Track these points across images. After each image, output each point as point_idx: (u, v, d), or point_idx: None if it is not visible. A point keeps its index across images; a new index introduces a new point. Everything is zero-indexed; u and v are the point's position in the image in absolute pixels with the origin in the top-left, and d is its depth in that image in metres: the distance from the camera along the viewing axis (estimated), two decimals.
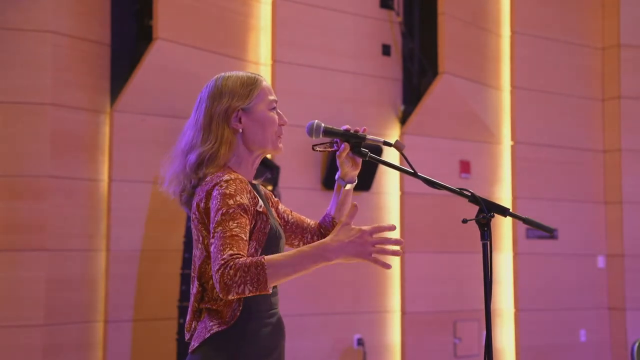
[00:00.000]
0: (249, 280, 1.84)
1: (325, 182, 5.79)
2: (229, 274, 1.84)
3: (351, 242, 1.89)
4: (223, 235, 1.91)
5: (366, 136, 2.21)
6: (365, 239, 1.89)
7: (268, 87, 2.21)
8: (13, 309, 4.70)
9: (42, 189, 4.80)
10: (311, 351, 5.70)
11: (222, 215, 1.94)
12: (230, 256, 1.87)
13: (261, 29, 5.80)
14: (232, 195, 1.97)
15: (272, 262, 1.86)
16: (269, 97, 2.18)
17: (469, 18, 6.51)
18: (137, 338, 5.09)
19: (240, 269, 1.84)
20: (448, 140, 6.43)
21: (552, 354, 6.74)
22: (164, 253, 5.18)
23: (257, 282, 1.84)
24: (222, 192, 1.98)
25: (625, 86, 7.07)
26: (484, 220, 2.11)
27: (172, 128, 5.28)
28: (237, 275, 1.84)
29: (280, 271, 1.87)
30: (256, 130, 2.15)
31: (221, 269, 1.85)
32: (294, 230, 2.33)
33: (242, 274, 1.84)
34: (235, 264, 1.85)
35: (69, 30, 4.97)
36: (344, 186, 2.28)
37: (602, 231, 7.07)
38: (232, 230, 1.92)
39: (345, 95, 6.03)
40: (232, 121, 2.13)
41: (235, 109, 2.13)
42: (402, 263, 6.17)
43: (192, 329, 2.09)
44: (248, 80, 2.18)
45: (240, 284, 1.84)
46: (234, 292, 1.85)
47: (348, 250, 1.89)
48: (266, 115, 2.16)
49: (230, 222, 1.93)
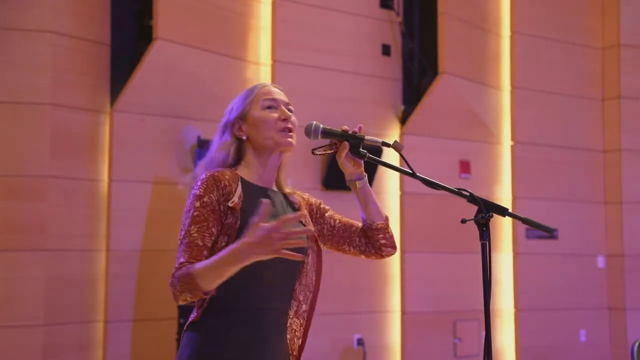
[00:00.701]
0: (185, 289, 1.99)
1: (325, 182, 5.79)
2: (173, 283, 2.01)
3: (256, 242, 1.91)
4: (183, 241, 2.07)
5: (365, 137, 2.21)
6: (271, 236, 1.90)
7: (265, 90, 2.26)
8: (13, 309, 4.70)
9: (42, 189, 4.80)
10: (311, 351, 5.69)
11: (187, 219, 2.08)
12: (180, 264, 2.03)
13: (261, 29, 5.80)
14: (200, 197, 2.09)
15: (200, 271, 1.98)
16: (264, 97, 2.23)
17: (469, 18, 6.51)
18: (137, 338, 5.09)
19: (180, 279, 1.99)
20: (448, 140, 6.43)
21: (552, 354, 6.74)
22: (164, 253, 5.18)
23: (193, 289, 1.98)
24: (194, 192, 2.11)
25: (625, 86, 7.07)
26: (483, 220, 2.11)
27: (172, 128, 5.29)
28: (179, 284, 2.00)
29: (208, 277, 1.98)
30: (256, 133, 2.21)
31: (171, 278, 2.02)
32: (342, 235, 2.34)
33: (180, 284, 1.99)
34: (178, 274, 2.00)
35: (69, 30, 4.97)
36: (356, 186, 2.29)
37: (602, 231, 7.07)
38: (192, 235, 2.06)
39: (345, 95, 6.03)
40: (235, 131, 2.23)
41: (232, 120, 2.23)
42: (402, 263, 6.18)
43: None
44: (247, 91, 2.28)
45: (181, 292, 2.00)
46: (180, 300, 2.02)
47: (256, 251, 1.92)
48: (260, 116, 2.20)
49: (192, 227, 2.07)
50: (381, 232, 2.33)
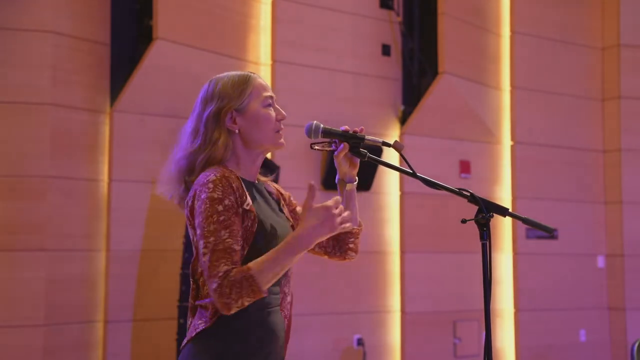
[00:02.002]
0: (245, 294, 1.92)
1: (325, 182, 5.79)
2: (225, 293, 1.91)
3: (320, 224, 1.94)
4: (216, 248, 1.95)
5: (365, 137, 2.20)
6: (332, 214, 1.94)
7: (262, 83, 2.19)
8: (13, 309, 4.70)
9: (42, 189, 4.80)
10: (311, 351, 5.70)
11: (213, 223, 1.96)
12: (225, 273, 1.92)
13: (261, 29, 5.80)
14: (220, 200, 1.99)
15: (258, 269, 1.93)
16: (263, 94, 2.16)
17: (469, 18, 6.51)
18: (137, 338, 5.09)
19: (234, 285, 1.91)
20: (448, 140, 6.43)
21: (552, 354, 6.74)
22: (164, 253, 5.18)
23: (253, 292, 1.92)
24: (209, 195, 1.99)
25: (625, 86, 7.07)
26: (483, 220, 2.11)
27: (172, 128, 5.28)
28: (232, 292, 1.91)
29: (268, 275, 1.94)
30: (252, 129, 2.14)
31: (218, 289, 1.92)
32: None
33: (237, 289, 1.91)
34: (229, 282, 1.91)
35: (69, 30, 4.97)
36: (345, 187, 2.28)
37: (602, 231, 7.07)
38: (225, 241, 1.96)
39: (345, 95, 6.03)
40: (227, 122, 2.12)
41: (228, 110, 2.12)
42: (402, 263, 6.18)
43: (188, 326, 2.12)
44: (240, 79, 2.17)
45: (238, 299, 1.92)
46: (235, 307, 1.93)
47: (320, 232, 1.95)
48: (260, 113, 2.14)
49: (222, 232, 1.96)
50: (354, 236, 2.33)
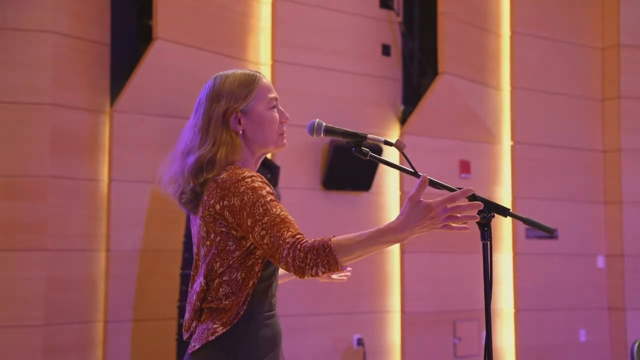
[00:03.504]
0: (320, 263, 1.86)
1: (325, 182, 5.79)
2: (299, 257, 1.87)
3: (420, 223, 1.86)
4: (273, 223, 1.92)
5: (367, 135, 2.21)
6: (436, 214, 1.86)
7: (267, 84, 2.18)
8: (13, 309, 4.70)
9: (42, 189, 4.80)
10: (311, 351, 5.70)
11: (261, 206, 1.95)
12: (293, 237, 1.90)
13: (261, 29, 5.80)
14: (262, 187, 1.99)
15: (340, 243, 1.87)
16: (269, 96, 2.16)
17: (469, 18, 6.51)
18: (137, 338, 5.09)
19: (310, 251, 1.87)
20: (448, 140, 6.43)
21: (552, 354, 6.74)
22: (164, 253, 5.18)
23: (328, 264, 1.87)
24: (250, 186, 1.98)
25: (625, 86, 7.07)
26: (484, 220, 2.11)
27: (172, 128, 5.29)
28: (307, 257, 1.87)
29: (348, 252, 1.88)
30: (256, 130, 2.13)
31: (291, 252, 1.88)
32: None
33: (312, 256, 1.86)
34: (303, 247, 1.87)
35: (69, 30, 4.97)
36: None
37: (601, 231, 7.07)
38: (280, 215, 1.94)
39: (345, 95, 6.03)
40: (232, 123, 2.11)
41: (233, 111, 2.11)
42: (402, 263, 6.18)
43: (192, 328, 2.09)
44: (246, 79, 2.16)
45: (313, 266, 1.87)
46: (308, 274, 1.88)
47: (418, 230, 1.87)
48: (265, 115, 2.14)
49: (274, 209, 1.95)
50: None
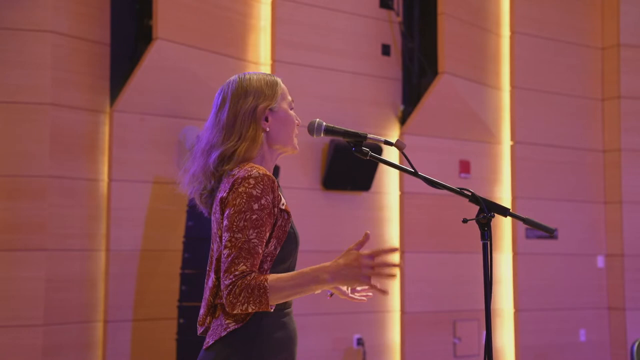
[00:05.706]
0: (252, 301, 1.92)
1: (325, 182, 5.79)
2: (234, 293, 1.92)
3: (347, 265, 1.92)
4: (240, 246, 1.95)
5: (367, 135, 2.21)
6: (362, 262, 1.91)
7: (285, 87, 2.25)
8: (13, 309, 4.70)
9: (42, 189, 4.80)
10: (311, 351, 5.70)
11: (244, 220, 1.97)
12: (242, 273, 1.93)
13: (261, 29, 5.80)
14: (257, 198, 1.98)
15: (274, 285, 1.93)
16: (289, 97, 2.23)
17: (469, 18, 6.51)
18: (137, 338, 5.09)
19: (245, 289, 1.92)
20: (448, 140, 6.43)
21: (552, 354, 6.74)
22: (164, 253, 5.18)
23: (259, 303, 1.92)
24: (248, 191, 1.99)
25: (625, 86, 7.07)
26: (484, 220, 2.11)
27: (172, 128, 5.29)
28: (241, 294, 1.92)
29: (282, 293, 1.94)
30: (280, 129, 2.17)
31: (230, 286, 1.93)
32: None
33: (246, 294, 1.92)
34: (242, 284, 1.92)
35: (69, 30, 4.97)
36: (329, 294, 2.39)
37: (601, 231, 7.07)
38: (251, 241, 1.96)
39: (345, 95, 6.03)
40: (261, 121, 2.14)
41: (265, 108, 2.15)
42: (402, 263, 6.16)
43: (207, 324, 2.11)
44: (271, 80, 2.22)
45: (244, 302, 1.92)
46: (238, 309, 1.94)
47: (344, 274, 1.92)
48: (290, 116, 2.20)
49: (251, 231, 1.96)
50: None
